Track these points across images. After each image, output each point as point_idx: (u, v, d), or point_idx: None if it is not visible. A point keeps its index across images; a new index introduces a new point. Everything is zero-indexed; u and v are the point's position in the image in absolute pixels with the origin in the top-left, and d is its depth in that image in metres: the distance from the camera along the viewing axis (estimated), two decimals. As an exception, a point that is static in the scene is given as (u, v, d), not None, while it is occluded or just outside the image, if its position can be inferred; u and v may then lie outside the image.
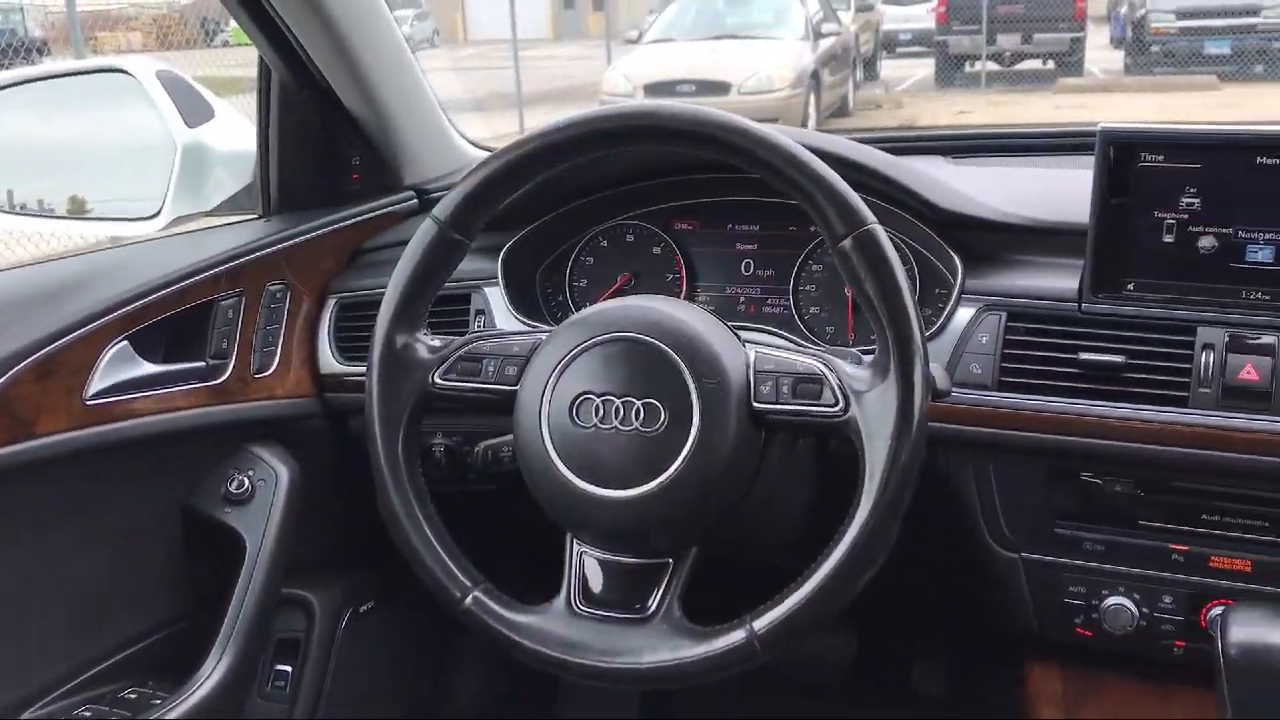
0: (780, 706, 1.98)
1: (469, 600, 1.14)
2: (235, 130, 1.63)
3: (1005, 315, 1.34)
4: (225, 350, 1.51)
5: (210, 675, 1.43)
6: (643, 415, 1.10)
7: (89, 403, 1.35)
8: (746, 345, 1.15)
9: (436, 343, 1.22)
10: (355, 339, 1.61)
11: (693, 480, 1.08)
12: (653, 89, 9.97)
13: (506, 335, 1.25)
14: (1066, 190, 1.40)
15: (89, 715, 1.39)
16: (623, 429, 1.10)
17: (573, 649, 1.11)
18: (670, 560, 1.12)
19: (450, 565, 1.15)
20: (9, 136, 1.71)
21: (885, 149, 1.51)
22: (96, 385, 1.35)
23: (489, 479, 1.48)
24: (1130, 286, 1.31)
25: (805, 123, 9.79)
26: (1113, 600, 1.34)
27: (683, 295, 1.60)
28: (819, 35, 10.97)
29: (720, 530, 1.14)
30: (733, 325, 1.19)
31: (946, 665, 2.05)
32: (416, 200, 1.80)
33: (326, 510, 1.66)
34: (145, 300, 1.41)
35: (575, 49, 19.00)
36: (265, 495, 1.51)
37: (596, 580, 1.14)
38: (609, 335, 1.14)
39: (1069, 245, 1.35)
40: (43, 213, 1.68)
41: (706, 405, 1.09)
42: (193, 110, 1.54)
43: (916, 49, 15.53)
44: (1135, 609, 1.33)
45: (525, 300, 1.60)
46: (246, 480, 1.51)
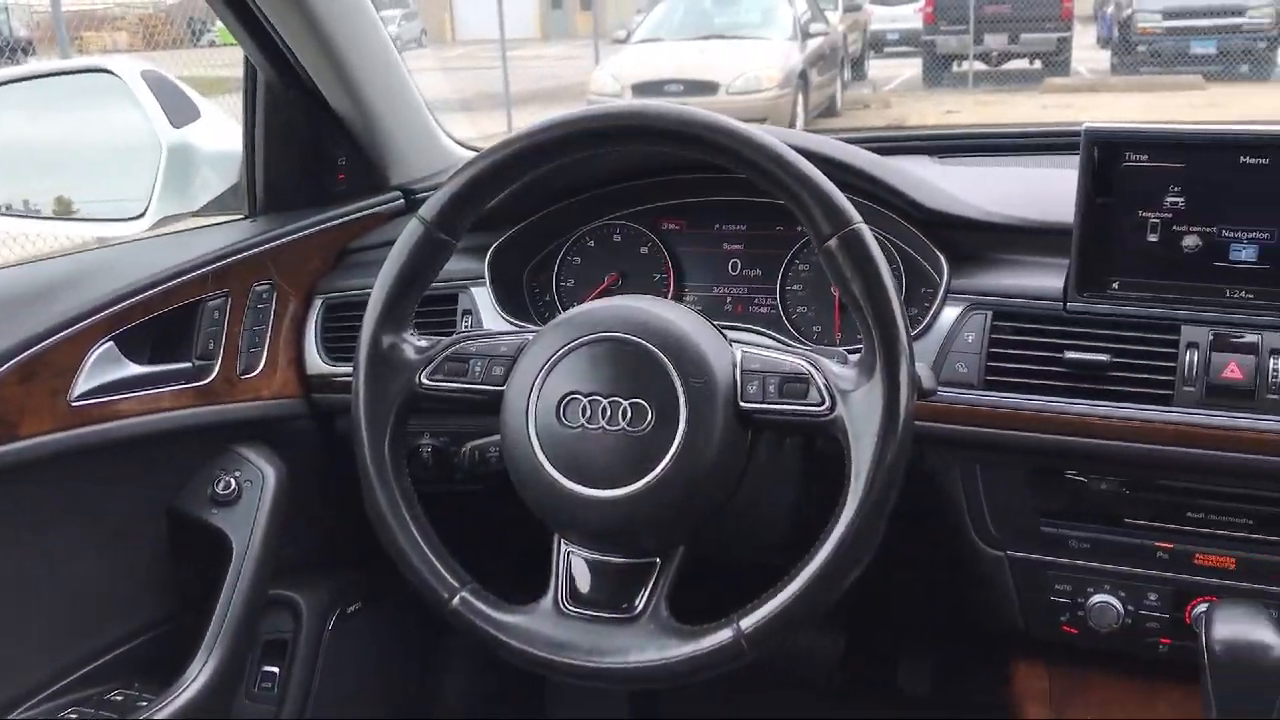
0: (768, 705, 1.98)
1: (456, 600, 1.14)
2: (221, 130, 1.62)
3: (991, 314, 1.34)
4: (211, 351, 1.50)
5: (197, 677, 1.42)
6: (629, 415, 1.10)
7: (74, 404, 1.34)
8: (733, 345, 1.15)
9: (423, 343, 1.22)
10: (342, 339, 1.60)
11: (680, 480, 1.08)
12: (641, 89, 9.96)
13: (493, 335, 1.25)
14: (1052, 190, 1.41)
15: (75, 717, 1.38)
16: (609, 429, 1.10)
17: (560, 649, 1.11)
18: (657, 560, 1.12)
19: (437, 565, 1.15)
20: (-7, 137, 1.70)
21: (871, 149, 1.51)
22: (82, 386, 1.35)
23: (476, 479, 1.48)
24: (1115, 285, 1.31)
25: (793, 123, 9.79)
26: (1098, 598, 1.35)
27: (670, 295, 1.60)
28: (807, 35, 10.97)
29: (707, 530, 1.14)
30: (720, 325, 1.19)
31: (933, 664, 2.05)
32: (403, 200, 1.80)
33: (313, 511, 1.66)
34: (131, 301, 1.40)
35: (563, 49, 19.00)
36: (252, 496, 1.51)
37: (584, 580, 1.14)
38: (595, 335, 1.14)
39: (1054, 244, 1.35)
40: (27, 213, 1.68)
41: (693, 405, 1.09)
42: (178, 110, 1.53)
43: (904, 49, 15.54)
44: (1121, 606, 1.34)
45: (512, 300, 1.59)
46: (233, 481, 1.51)
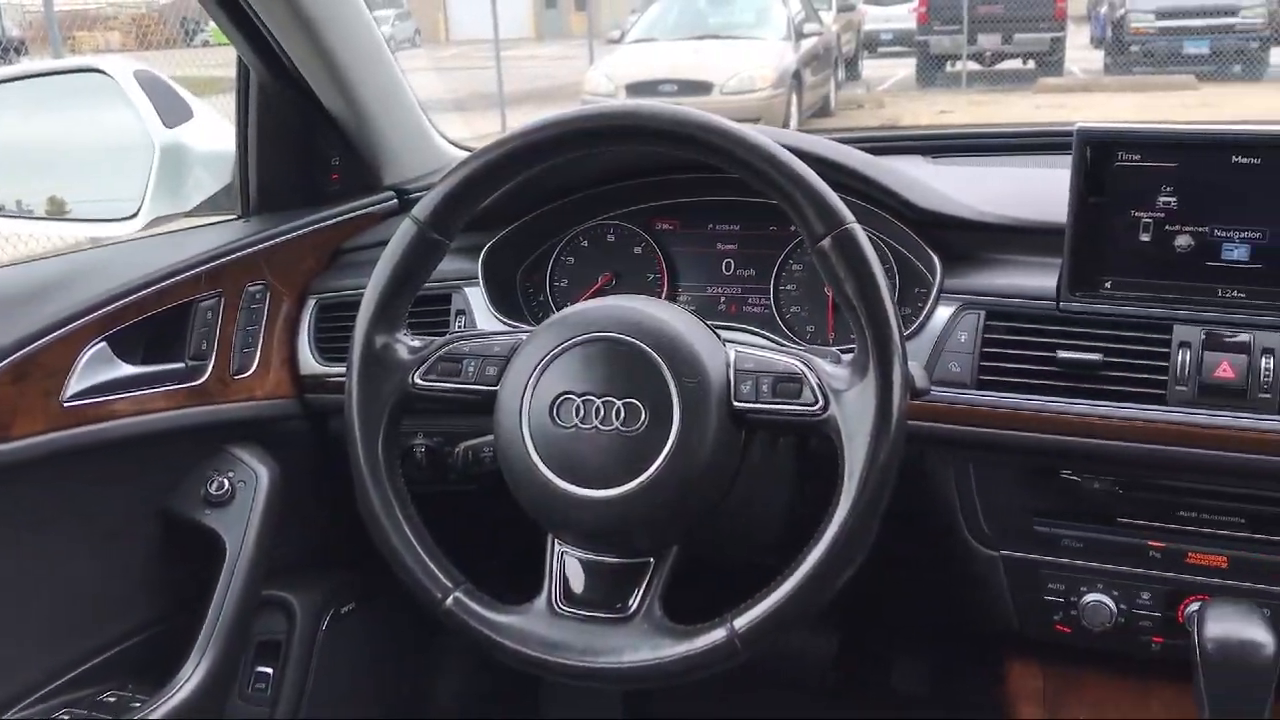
0: (762, 705, 1.98)
1: (449, 601, 1.14)
2: (214, 130, 1.62)
3: (984, 314, 1.35)
4: (204, 351, 1.50)
5: (190, 678, 1.42)
6: (623, 415, 1.10)
7: (67, 404, 1.34)
8: (727, 345, 1.15)
9: (416, 343, 1.21)
10: (335, 339, 1.60)
11: (673, 479, 1.08)
12: (635, 89, 9.96)
13: (487, 335, 1.25)
14: (1044, 190, 1.41)
15: (68, 718, 1.38)
16: (603, 429, 1.10)
17: (554, 649, 1.11)
18: (651, 560, 1.12)
19: (430, 566, 1.15)
20: (-14, 136, 1.70)
21: (865, 149, 1.51)
22: (74, 387, 1.35)
23: (470, 479, 1.48)
24: (1108, 285, 1.31)
25: (787, 123, 9.80)
26: (1091, 597, 1.35)
27: (664, 295, 1.60)
28: (801, 35, 10.99)
29: (701, 529, 1.14)
30: (713, 325, 1.20)
31: (927, 663, 2.06)
32: (396, 200, 1.80)
33: (307, 511, 1.66)
34: (123, 301, 1.40)
35: (557, 49, 18.97)
36: (245, 497, 1.51)
37: (577, 580, 1.14)
38: (589, 335, 1.14)
39: (1047, 244, 1.35)
40: (20, 213, 1.67)
41: (687, 405, 1.09)
42: (171, 110, 1.53)
43: (898, 49, 15.56)
44: (1114, 605, 1.34)
45: (506, 300, 1.59)
46: (226, 482, 1.51)
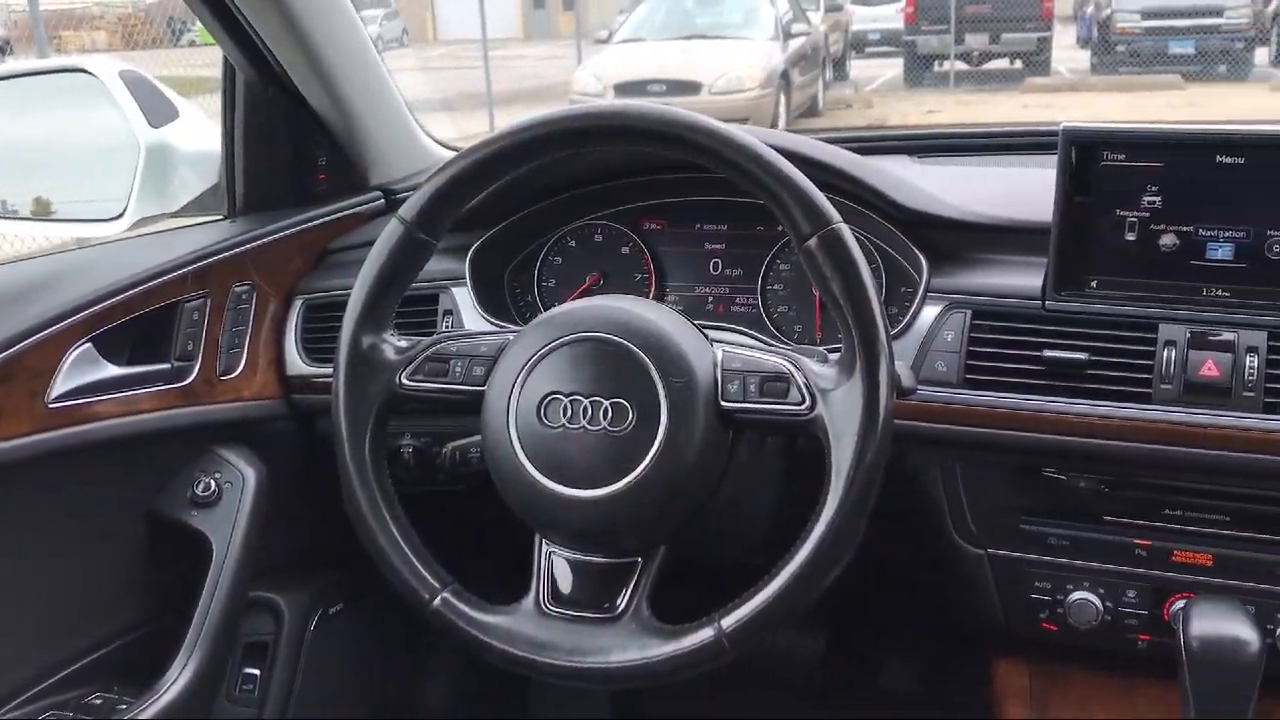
0: (749, 705, 1.98)
1: (437, 601, 1.14)
2: (200, 130, 1.61)
3: (970, 313, 1.35)
4: (191, 352, 1.50)
5: (177, 679, 1.42)
6: (610, 415, 1.10)
7: (52, 405, 1.33)
8: (714, 344, 1.15)
9: (403, 343, 1.21)
10: (322, 340, 1.60)
11: (661, 479, 1.08)
12: (623, 89, 9.96)
13: (474, 335, 1.25)
14: (1030, 189, 1.41)
15: (53, 721, 1.38)
16: (590, 429, 1.10)
17: (541, 649, 1.11)
18: (639, 559, 1.12)
19: (418, 566, 1.15)
20: (-31, 137, 1.69)
21: (852, 149, 1.52)
22: (59, 388, 1.34)
23: (457, 480, 1.48)
24: (1093, 284, 1.32)
25: (775, 123, 9.81)
26: (1078, 595, 1.35)
27: (651, 295, 1.60)
28: (789, 35, 11.00)
29: (688, 529, 1.14)
30: (701, 324, 1.20)
31: (914, 662, 2.06)
32: (383, 200, 1.79)
33: (294, 512, 1.65)
34: (109, 302, 1.39)
35: (546, 49, 18.97)
36: (232, 497, 1.50)
37: (565, 580, 1.14)
38: (576, 335, 1.14)
39: (1033, 244, 1.36)
40: (5, 214, 1.66)
41: (674, 404, 1.09)
42: (156, 110, 1.52)
43: (885, 49, 15.59)
44: (1100, 603, 1.34)
45: (493, 300, 1.59)
46: (213, 482, 1.50)
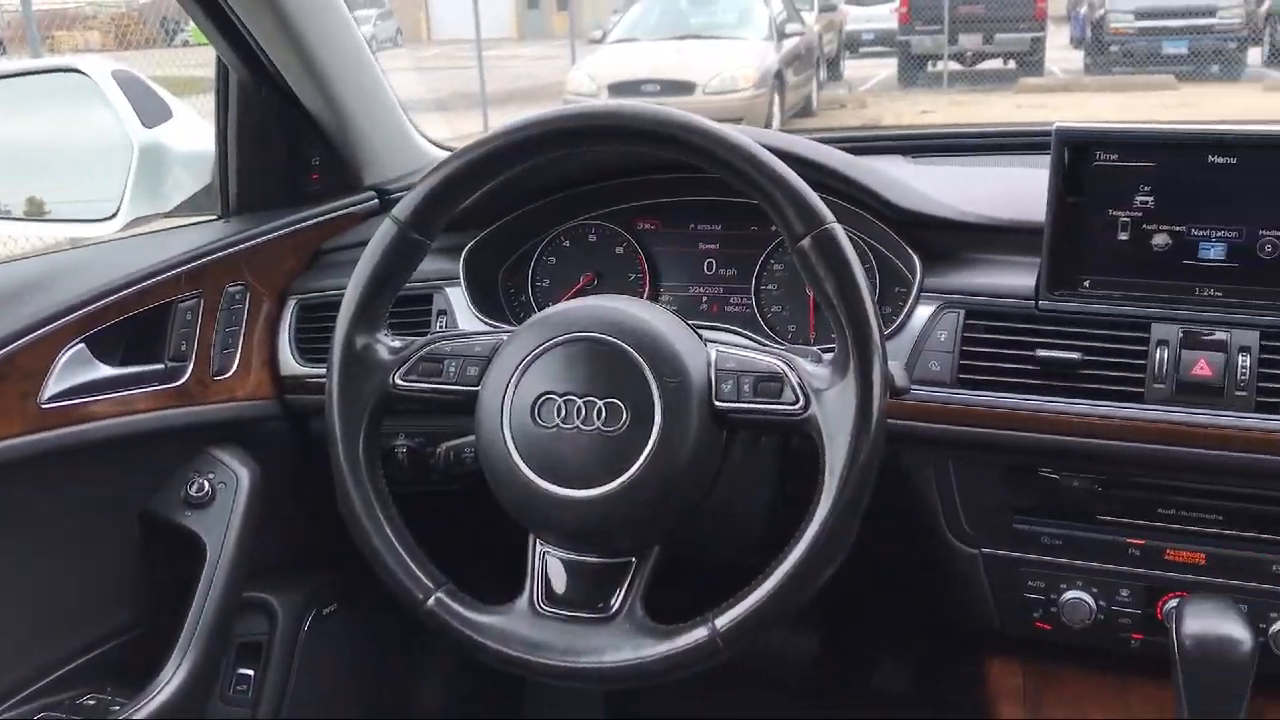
0: (744, 705, 1.98)
1: (431, 601, 1.14)
2: (194, 130, 1.61)
3: (963, 313, 1.35)
4: (184, 352, 1.49)
5: (170, 680, 1.41)
6: (604, 415, 1.10)
7: (45, 406, 1.33)
8: (708, 344, 1.15)
9: (397, 343, 1.21)
10: (316, 340, 1.60)
11: (655, 479, 1.08)
12: (617, 89, 9.96)
13: (468, 336, 1.24)
14: (1023, 189, 1.41)
15: (46, 722, 1.37)
16: (584, 429, 1.10)
17: (535, 649, 1.11)
18: (633, 559, 1.13)
19: (412, 566, 1.15)
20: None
21: (845, 149, 1.52)
22: (53, 388, 1.34)
23: (451, 480, 1.48)
24: (1086, 284, 1.32)
25: (769, 123, 9.81)
26: (1071, 594, 1.36)
27: (646, 295, 1.60)
28: (783, 35, 11.01)
29: (683, 529, 1.14)
30: (695, 324, 1.20)
31: (908, 662, 2.06)
32: (377, 200, 1.79)
33: (288, 512, 1.65)
34: (102, 302, 1.39)
35: (540, 49, 18.95)
36: (226, 498, 1.50)
37: (559, 580, 1.14)
38: (570, 335, 1.14)
39: (1026, 244, 1.36)
40: (-2, 214, 1.66)
41: (668, 404, 1.09)
42: (150, 110, 1.52)
43: (879, 49, 15.58)
44: (1093, 602, 1.35)
45: (488, 301, 1.59)
46: (206, 483, 1.50)
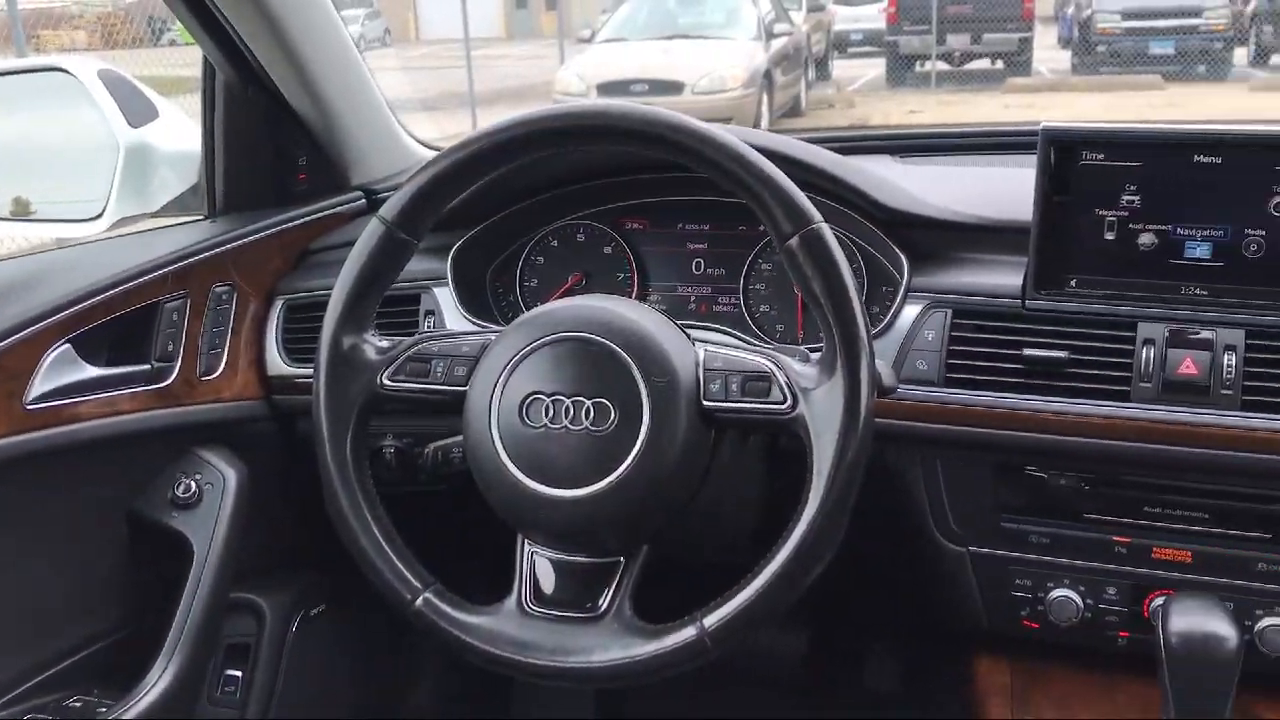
0: (733, 704, 1.98)
1: (419, 602, 1.14)
2: (180, 130, 1.60)
3: (951, 312, 1.35)
4: (171, 353, 1.49)
5: (158, 681, 1.41)
6: (593, 415, 1.10)
7: (29, 407, 1.32)
8: (696, 344, 1.15)
9: (385, 343, 1.21)
10: (303, 340, 1.59)
11: (643, 479, 1.08)
12: (606, 88, 9.96)
13: (455, 336, 1.24)
14: (1010, 189, 1.42)
15: (32, 724, 1.37)
16: (573, 428, 1.10)
17: (524, 649, 1.11)
18: (621, 559, 1.13)
19: (399, 566, 1.15)
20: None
21: (833, 149, 1.52)
22: (38, 389, 1.33)
23: (439, 480, 1.47)
24: (1073, 283, 1.32)
25: (758, 122, 9.82)
26: (1058, 592, 1.36)
27: (634, 295, 1.61)
28: (771, 35, 11.01)
29: (671, 529, 1.14)
30: (683, 324, 1.20)
31: (897, 661, 2.07)
32: (364, 200, 1.79)
33: (275, 513, 1.65)
34: (88, 302, 1.39)
35: (528, 48, 18.95)
36: (213, 499, 1.50)
37: (548, 580, 1.14)
38: (558, 335, 1.14)
39: (1013, 243, 1.36)
40: (-19, 214, 1.65)
41: (656, 404, 1.09)
42: (136, 110, 1.52)
43: (868, 49, 15.63)
44: (1080, 600, 1.35)
45: (476, 301, 1.59)
46: (194, 484, 1.50)
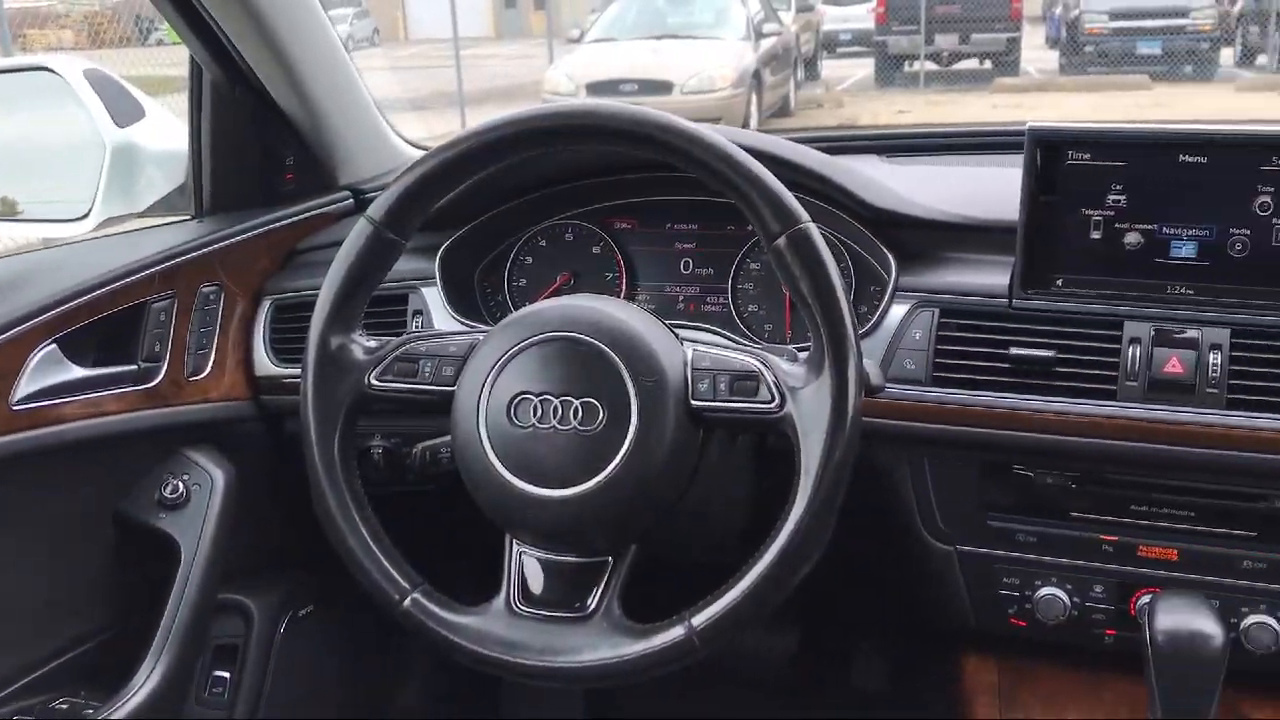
0: (721, 703, 1.99)
1: (407, 602, 1.14)
2: (167, 130, 1.60)
3: (938, 311, 1.36)
4: (158, 353, 1.48)
5: (145, 682, 1.41)
6: (581, 414, 1.10)
7: (15, 408, 1.32)
8: (684, 343, 1.15)
9: (372, 344, 1.21)
10: (291, 341, 1.59)
11: (631, 479, 1.09)
12: (595, 88, 9.96)
13: (443, 335, 1.24)
14: (997, 189, 1.42)
15: (18, 726, 1.36)
16: (561, 428, 1.10)
17: (512, 649, 1.11)
18: (609, 559, 1.13)
19: (387, 567, 1.15)
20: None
21: (821, 148, 1.52)
22: (23, 390, 1.33)
23: (427, 480, 1.47)
24: (1059, 282, 1.33)
25: (747, 122, 9.83)
26: (1045, 590, 1.36)
27: (622, 294, 1.60)
28: (760, 35, 11.03)
29: (659, 528, 1.14)
30: (672, 324, 1.20)
31: (885, 659, 2.07)
32: (352, 200, 1.79)
33: (263, 513, 1.64)
34: (74, 302, 1.38)
35: (517, 48, 18.93)
36: (200, 499, 1.49)
37: (536, 580, 1.14)
38: (546, 335, 1.14)
39: (1000, 242, 1.36)
40: (-33, 214, 1.65)
41: (644, 404, 1.09)
42: (122, 110, 1.51)
43: (856, 49, 15.65)
44: (1067, 599, 1.36)
45: (464, 300, 1.59)
46: (181, 484, 1.49)
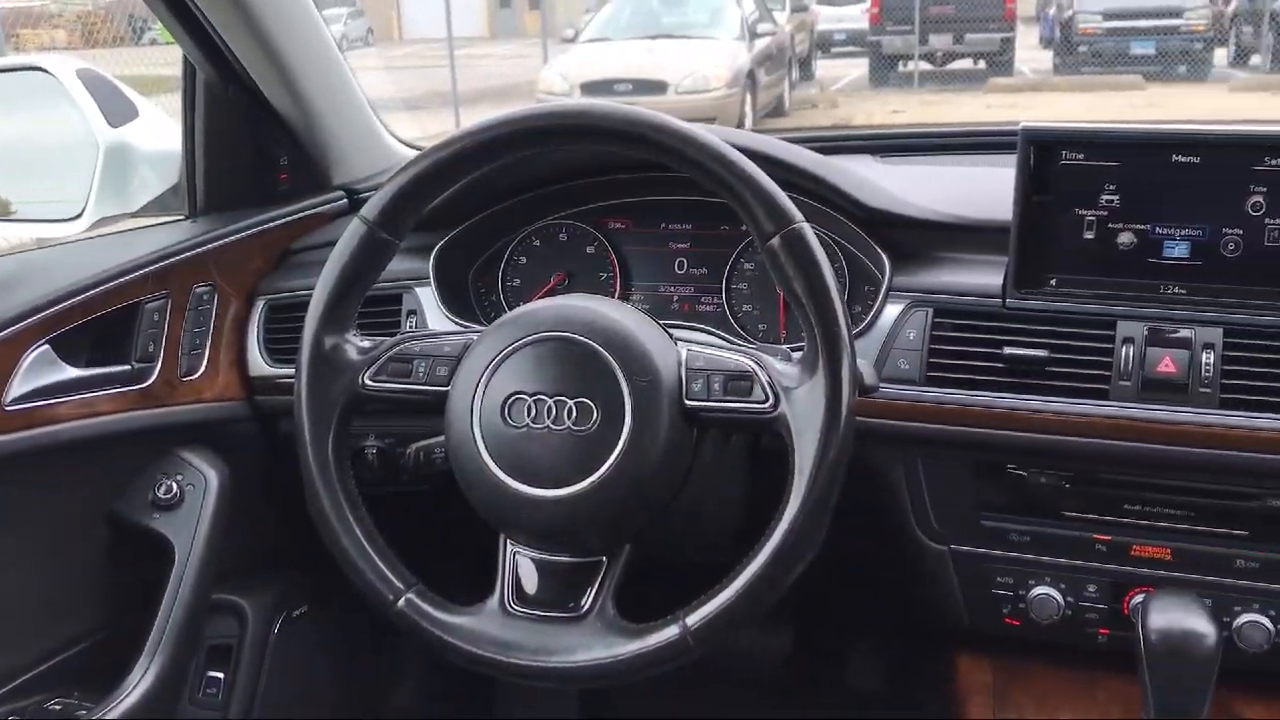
0: (716, 703, 1.99)
1: (401, 602, 1.14)
2: (161, 130, 1.60)
3: (932, 311, 1.36)
4: (151, 353, 1.48)
5: (139, 683, 1.40)
6: (575, 414, 1.10)
7: (8, 408, 1.32)
8: (678, 343, 1.16)
9: (366, 344, 1.21)
10: (284, 341, 1.59)
11: (625, 479, 1.09)
12: (590, 88, 9.95)
13: (437, 335, 1.24)
14: (991, 188, 1.42)
15: (12, 727, 1.36)
16: (555, 428, 1.10)
17: (506, 649, 1.10)
18: (604, 559, 1.13)
19: (381, 567, 1.15)
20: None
21: (815, 149, 1.52)
22: (16, 390, 1.32)
23: (421, 480, 1.47)
24: (1053, 282, 1.33)
25: (742, 122, 9.83)
26: (1039, 590, 1.37)
27: (617, 294, 1.60)
28: (754, 35, 11.03)
29: (653, 528, 1.14)
30: (666, 324, 1.20)
31: (878, 659, 2.07)
32: (346, 200, 1.78)
33: (257, 514, 1.64)
34: (68, 303, 1.38)
35: (512, 48, 18.91)
36: (194, 500, 1.49)
37: (530, 580, 1.14)
38: (541, 335, 1.14)
39: (993, 242, 1.37)
40: (-40, 214, 1.65)
41: (638, 403, 1.09)
42: (115, 110, 1.51)
43: (851, 49, 15.65)
44: (1061, 598, 1.36)
45: (458, 301, 1.59)
46: (175, 485, 1.49)
